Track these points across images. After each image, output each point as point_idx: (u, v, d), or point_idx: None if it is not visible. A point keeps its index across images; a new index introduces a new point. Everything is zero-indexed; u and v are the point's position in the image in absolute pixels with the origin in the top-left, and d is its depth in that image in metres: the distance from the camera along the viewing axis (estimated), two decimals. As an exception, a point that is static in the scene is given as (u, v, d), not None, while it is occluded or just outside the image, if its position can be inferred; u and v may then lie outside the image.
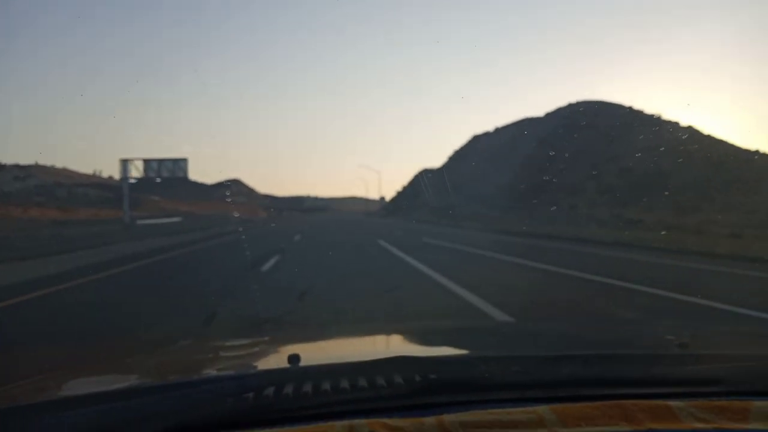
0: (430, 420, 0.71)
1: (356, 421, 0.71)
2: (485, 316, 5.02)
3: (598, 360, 1.02)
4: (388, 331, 1.82)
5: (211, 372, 1.16)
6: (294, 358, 0.95)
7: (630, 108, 47.26)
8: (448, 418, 0.72)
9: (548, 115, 55.08)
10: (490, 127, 68.42)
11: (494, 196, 40.52)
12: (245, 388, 0.80)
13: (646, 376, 0.89)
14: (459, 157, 64.23)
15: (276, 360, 1.26)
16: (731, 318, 5.27)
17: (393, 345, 1.54)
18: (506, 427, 0.70)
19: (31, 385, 1.05)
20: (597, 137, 40.62)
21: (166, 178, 37.11)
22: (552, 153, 41.30)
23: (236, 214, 78.47)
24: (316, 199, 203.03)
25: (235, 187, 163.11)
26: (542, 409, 0.74)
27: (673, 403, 0.76)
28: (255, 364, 1.26)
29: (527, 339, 1.58)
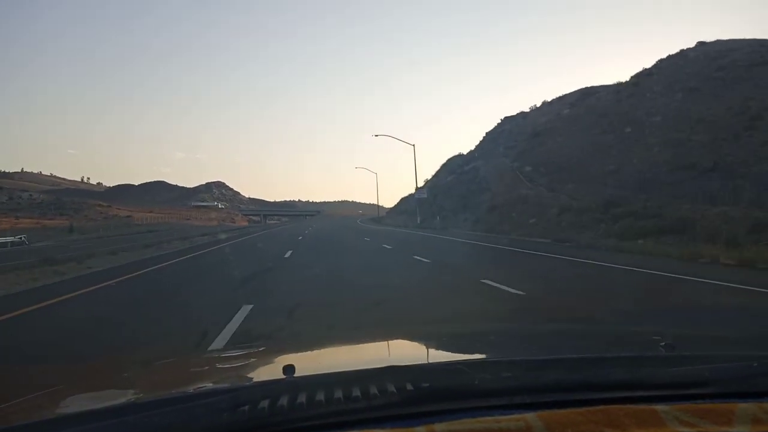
0: (420, 429, 0.73)
1: None
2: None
3: (584, 363, 1.04)
4: (379, 339, 1.86)
5: (206, 386, 1.17)
6: (288, 369, 0.97)
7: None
8: (438, 427, 0.73)
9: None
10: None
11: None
12: (240, 401, 0.81)
13: (632, 379, 0.90)
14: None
15: (270, 371, 1.25)
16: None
17: (384, 353, 1.57)
18: None
19: (24, 405, 1.06)
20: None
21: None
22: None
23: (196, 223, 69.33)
24: (307, 203, 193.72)
25: (217, 190, 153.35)
26: (530, 417, 0.75)
27: (658, 407, 0.77)
28: (250, 376, 1.27)
29: (514, 343, 1.62)
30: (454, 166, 55.21)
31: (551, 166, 32.50)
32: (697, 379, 0.89)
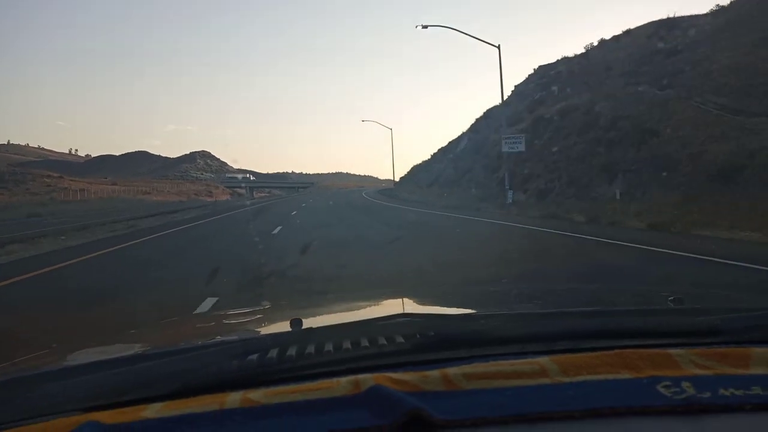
0: (434, 373, 0.73)
1: (361, 376, 0.72)
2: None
3: (596, 314, 1.06)
4: (389, 296, 1.88)
5: (216, 338, 1.18)
6: (296, 322, 0.98)
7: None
8: (452, 370, 0.74)
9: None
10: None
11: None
12: (249, 349, 0.82)
13: (645, 327, 0.91)
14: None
15: (279, 325, 1.25)
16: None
17: (395, 307, 1.57)
18: (509, 378, 0.72)
19: (35, 359, 1.07)
20: None
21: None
22: None
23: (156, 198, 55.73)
24: (300, 175, 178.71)
25: (201, 161, 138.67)
26: (544, 360, 0.76)
27: (673, 351, 0.78)
28: (258, 329, 1.28)
29: (527, 299, 1.63)
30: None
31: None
32: (709, 327, 0.89)
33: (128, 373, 0.77)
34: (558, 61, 38.31)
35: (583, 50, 36.25)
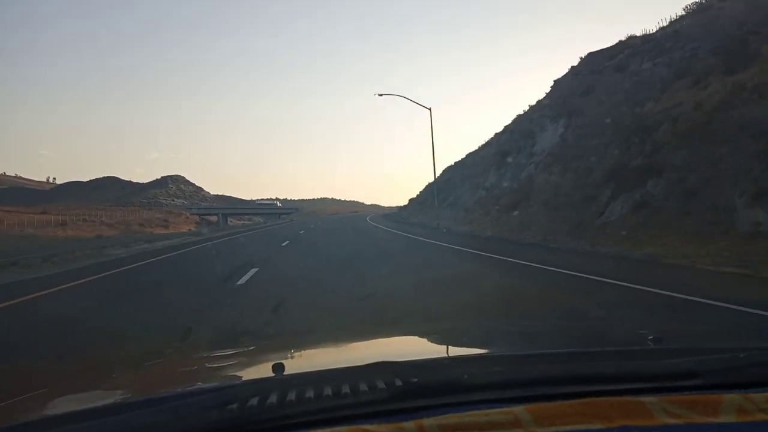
0: (409, 425, 0.73)
1: (337, 429, 0.72)
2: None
3: (571, 357, 1.06)
4: (369, 336, 1.88)
5: (195, 384, 1.16)
6: (278, 368, 0.96)
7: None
8: (427, 421, 0.74)
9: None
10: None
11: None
12: (229, 399, 0.80)
13: (619, 372, 0.92)
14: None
15: (260, 370, 1.23)
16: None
17: (374, 350, 1.56)
18: (484, 429, 0.72)
19: (12, 407, 1.06)
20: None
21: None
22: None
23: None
24: (285, 200, 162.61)
25: (174, 185, 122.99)
26: (518, 410, 0.76)
27: (645, 399, 0.79)
28: (239, 374, 1.25)
29: (502, 338, 1.64)
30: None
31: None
32: (684, 371, 0.90)
33: (104, 426, 0.76)
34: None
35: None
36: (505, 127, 36.25)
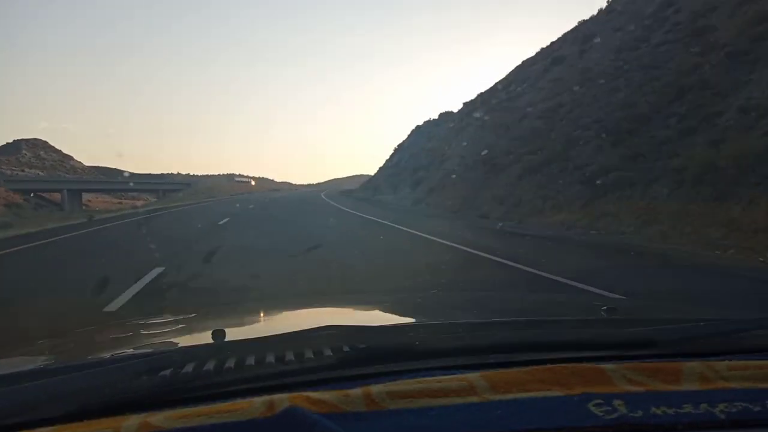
0: (356, 391, 0.69)
1: (276, 396, 0.68)
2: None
3: (528, 326, 1.04)
4: (317, 305, 1.81)
5: (127, 350, 1.09)
6: (218, 334, 0.92)
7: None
8: (375, 388, 0.70)
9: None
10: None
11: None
12: (163, 364, 0.76)
13: (577, 340, 0.90)
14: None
15: (199, 337, 1.19)
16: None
17: (322, 318, 1.50)
18: (436, 396, 0.69)
19: None
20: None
21: None
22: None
23: None
24: (186, 176, 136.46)
25: (29, 152, 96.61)
26: (473, 376, 0.73)
27: (605, 366, 0.77)
28: (176, 341, 1.19)
29: (456, 307, 1.59)
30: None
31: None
32: (643, 339, 0.89)
33: (15, 393, 0.70)
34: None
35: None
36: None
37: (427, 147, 33.58)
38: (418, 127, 43.95)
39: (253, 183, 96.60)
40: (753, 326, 0.95)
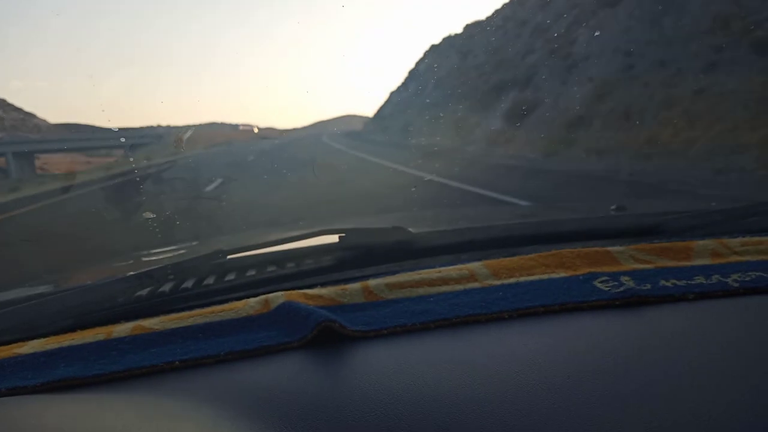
0: (354, 285, 0.69)
1: (271, 295, 0.67)
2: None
3: (534, 224, 1.03)
4: (319, 224, 1.84)
5: (127, 274, 1.14)
6: (220, 251, 0.93)
7: None
8: (374, 281, 0.70)
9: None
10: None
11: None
12: (160, 276, 0.77)
13: (583, 229, 0.88)
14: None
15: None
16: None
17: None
18: (435, 284, 0.68)
19: None
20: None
21: None
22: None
23: None
24: (158, 127, 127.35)
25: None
26: (474, 265, 0.72)
27: (612, 248, 0.75)
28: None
29: (461, 217, 1.59)
30: None
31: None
32: (651, 226, 0.86)
33: (12, 314, 0.72)
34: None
35: None
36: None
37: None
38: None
39: (241, 128, 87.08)
40: (766, 208, 0.92)
